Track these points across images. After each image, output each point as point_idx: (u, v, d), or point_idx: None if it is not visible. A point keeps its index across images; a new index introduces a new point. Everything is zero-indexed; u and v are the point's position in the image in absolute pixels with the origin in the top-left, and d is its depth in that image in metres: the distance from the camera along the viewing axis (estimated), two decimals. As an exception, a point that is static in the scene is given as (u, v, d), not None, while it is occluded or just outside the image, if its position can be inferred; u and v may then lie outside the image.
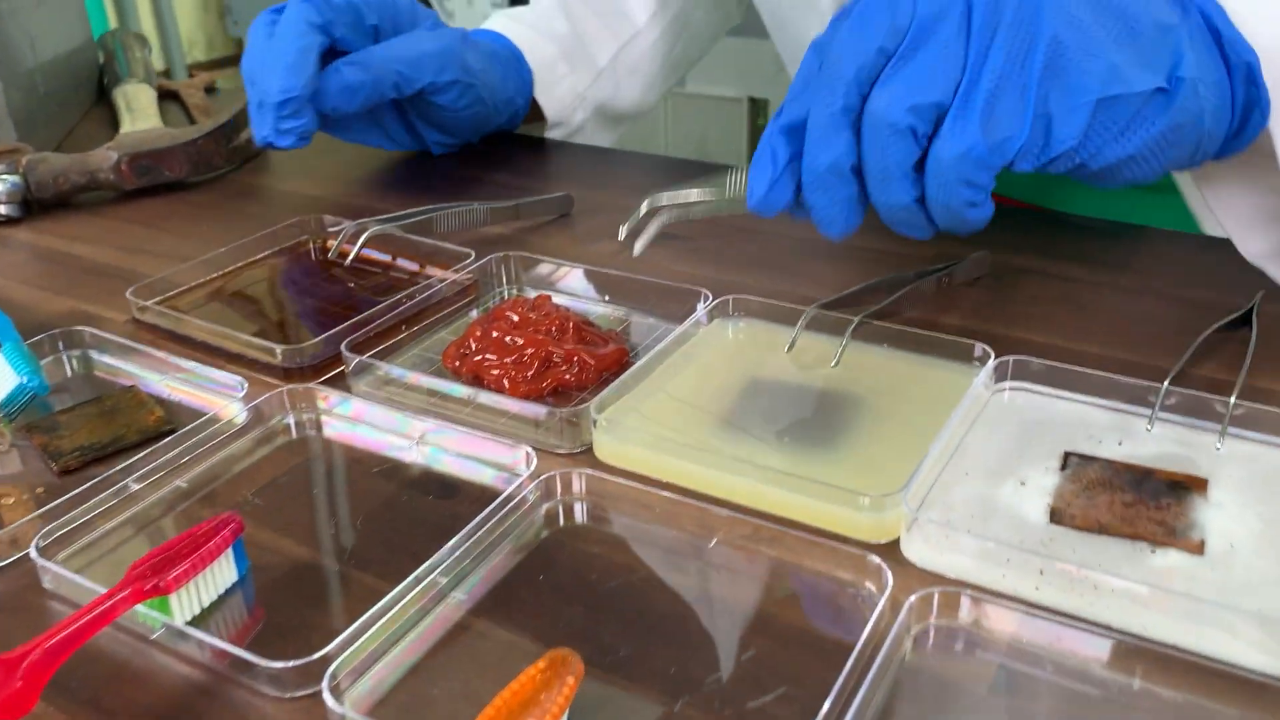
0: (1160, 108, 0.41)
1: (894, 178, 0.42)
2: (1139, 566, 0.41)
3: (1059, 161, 0.42)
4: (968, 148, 0.40)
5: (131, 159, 0.82)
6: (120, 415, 0.55)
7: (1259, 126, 0.45)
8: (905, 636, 0.40)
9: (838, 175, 0.44)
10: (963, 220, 0.43)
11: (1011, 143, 0.40)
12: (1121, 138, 0.41)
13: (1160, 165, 0.43)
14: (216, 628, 0.42)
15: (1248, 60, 0.44)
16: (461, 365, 0.56)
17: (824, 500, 0.44)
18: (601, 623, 0.41)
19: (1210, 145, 0.45)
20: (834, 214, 0.45)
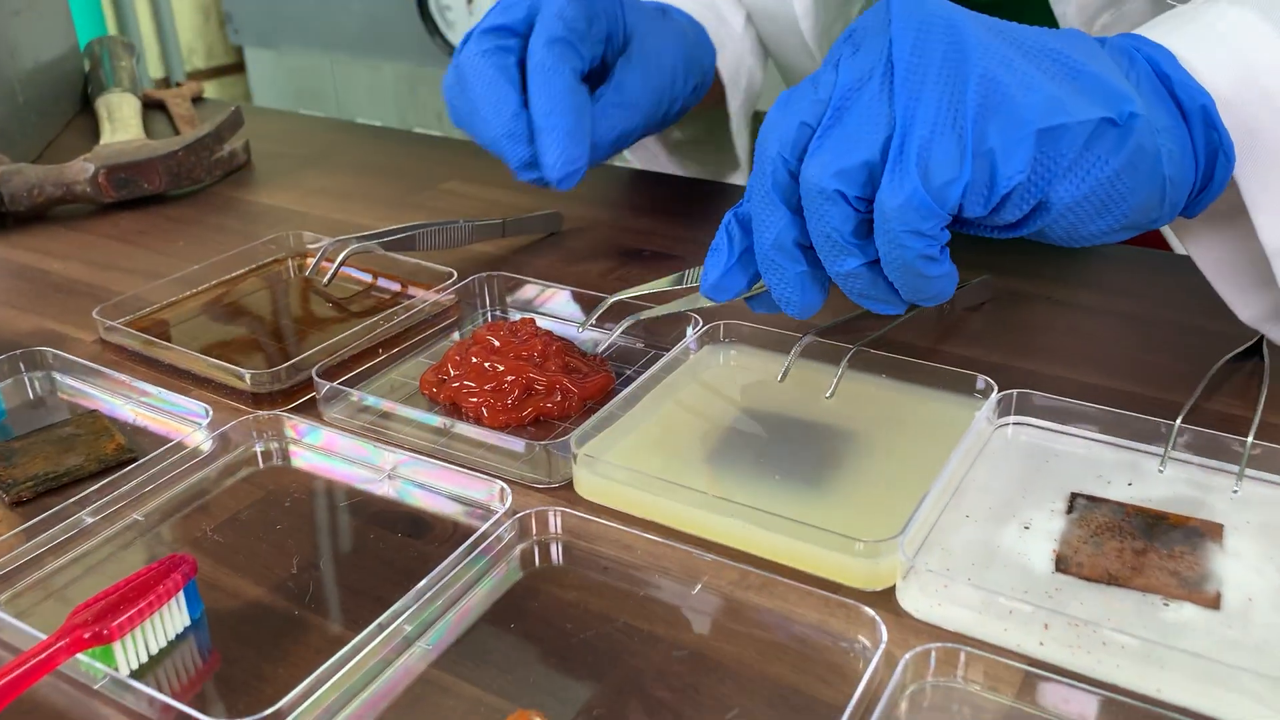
0: (1112, 143, 0.39)
1: (837, 244, 0.41)
2: (1151, 622, 0.39)
3: (1012, 203, 0.39)
4: (908, 195, 0.38)
5: (109, 171, 0.80)
6: (80, 442, 0.52)
7: (1226, 173, 0.43)
8: (900, 696, 0.37)
9: (782, 252, 0.43)
10: (921, 278, 0.41)
11: (954, 185, 0.38)
12: (1073, 173, 0.39)
13: (1126, 213, 0.40)
14: (164, 677, 0.39)
15: (1202, 103, 0.42)
16: (439, 392, 0.53)
17: (815, 544, 0.42)
18: (574, 679, 0.38)
19: (1177, 194, 0.42)
20: (788, 292, 0.44)
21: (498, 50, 0.59)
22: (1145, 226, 0.42)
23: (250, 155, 0.91)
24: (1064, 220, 0.40)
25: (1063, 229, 0.41)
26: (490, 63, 0.59)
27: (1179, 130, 0.41)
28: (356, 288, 0.66)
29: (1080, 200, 0.39)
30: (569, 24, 0.59)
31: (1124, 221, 0.41)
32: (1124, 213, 0.40)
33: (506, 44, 0.60)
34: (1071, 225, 0.41)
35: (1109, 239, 0.42)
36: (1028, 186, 0.39)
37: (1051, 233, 0.41)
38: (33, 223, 0.80)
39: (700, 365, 0.56)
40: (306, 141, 0.97)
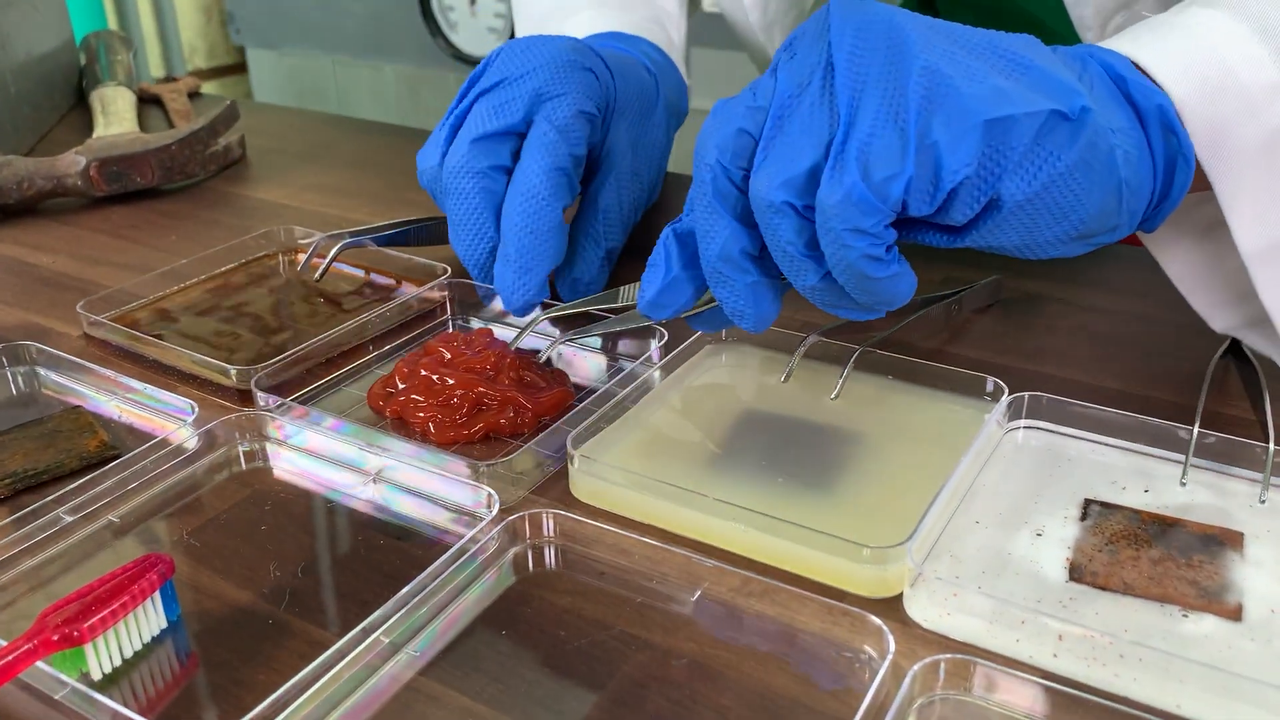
0: (1064, 138, 0.37)
1: (794, 259, 0.39)
2: (1169, 634, 0.37)
3: (960, 200, 0.37)
4: (847, 191, 0.36)
5: (101, 164, 0.79)
6: (61, 439, 0.51)
7: (1185, 179, 0.41)
8: (909, 710, 0.35)
9: (730, 263, 0.41)
10: (868, 280, 0.38)
11: (896, 180, 0.36)
12: (1024, 168, 0.37)
13: (1083, 218, 0.38)
14: (138, 682, 0.37)
15: (1158, 104, 0.40)
16: (386, 405, 0.51)
17: (820, 550, 0.40)
18: (567, 689, 0.36)
19: (1135, 200, 0.40)
20: (740, 305, 0.42)
21: (488, 173, 0.53)
22: (1104, 236, 0.40)
23: (245, 150, 0.89)
24: (1017, 223, 0.38)
25: (1016, 234, 0.39)
26: (477, 186, 0.53)
27: (1135, 132, 0.39)
28: (349, 284, 0.65)
29: (1033, 198, 0.37)
30: (572, 144, 0.53)
31: (1081, 228, 0.39)
32: (1081, 218, 0.38)
33: (499, 162, 0.53)
34: (1026, 230, 0.38)
35: (1068, 250, 0.40)
36: (976, 182, 0.37)
37: (1005, 237, 0.39)
38: (22, 216, 0.78)
39: (701, 365, 0.54)
40: (302, 137, 0.96)
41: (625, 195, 0.60)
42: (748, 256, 0.41)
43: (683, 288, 0.44)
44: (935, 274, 0.64)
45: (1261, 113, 0.41)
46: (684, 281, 0.43)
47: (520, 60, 0.55)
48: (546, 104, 0.53)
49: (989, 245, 0.40)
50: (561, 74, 0.54)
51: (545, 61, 0.54)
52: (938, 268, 0.65)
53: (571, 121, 0.53)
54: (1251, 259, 0.43)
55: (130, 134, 0.86)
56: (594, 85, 0.55)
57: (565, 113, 0.51)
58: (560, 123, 0.53)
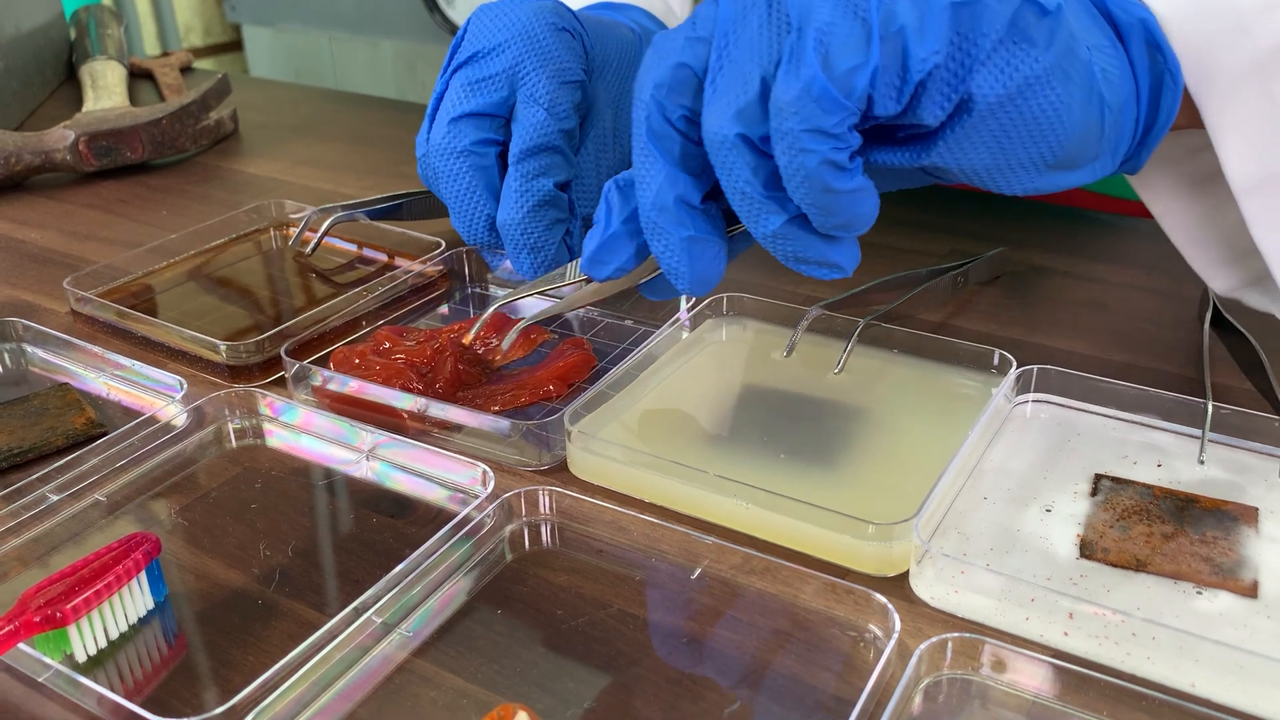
0: (1041, 35, 0.34)
1: (753, 201, 0.36)
2: (1183, 611, 0.36)
3: (930, 96, 0.33)
4: (805, 83, 0.33)
5: (90, 139, 0.77)
6: (48, 416, 0.50)
7: (1174, 101, 0.38)
8: (915, 690, 0.34)
9: (664, 213, 0.38)
10: (830, 194, 0.34)
11: (861, 71, 0.33)
12: (996, 63, 0.33)
13: (1062, 140, 0.35)
14: (124, 665, 0.36)
15: (1140, 17, 0.37)
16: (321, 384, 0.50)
17: (824, 527, 0.39)
18: (564, 669, 0.35)
19: (1118, 127, 0.37)
20: (673, 261, 0.38)
21: (474, 149, 0.50)
22: (1084, 170, 0.37)
23: (238, 124, 0.88)
24: (990, 132, 0.34)
25: (988, 149, 0.35)
26: (466, 165, 0.50)
27: (1115, 50, 0.37)
28: (341, 258, 0.64)
29: (1007, 101, 0.34)
30: (560, 121, 0.50)
31: (1059, 151, 0.35)
32: (1059, 138, 0.35)
33: (482, 136, 0.50)
34: (999, 145, 0.35)
35: (1043, 182, 0.36)
36: (946, 76, 0.33)
37: (976, 153, 0.35)
38: (10, 192, 0.77)
39: (702, 340, 0.53)
40: (295, 111, 0.94)
41: (605, 158, 0.57)
42: (685, 206, 0.38)
43: (623, 244, 0.40)
44: (940, 247, 0.63)
45: (1253, 30, 0.38)
46: (623, 237, 0.40)
47: (494, 29, 0.52)
48: (527, 78, 0.51)
49: (959, 164, 0.36)
50: (539, 41, 0.51)
51: (520, 29, 0.51)
52: (942, 240, 0.64)
53: (556, 95, 0.51)
54: (1243, 193, 0.40)
55: (120, 108, 0.84)
56: (574, 46, 0.53)
57: (548, 86, 0.49)
58: (545, 100, 0.50)
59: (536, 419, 0.45)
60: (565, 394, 0.49)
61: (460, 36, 0.53)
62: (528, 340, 0.53)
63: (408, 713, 0.34)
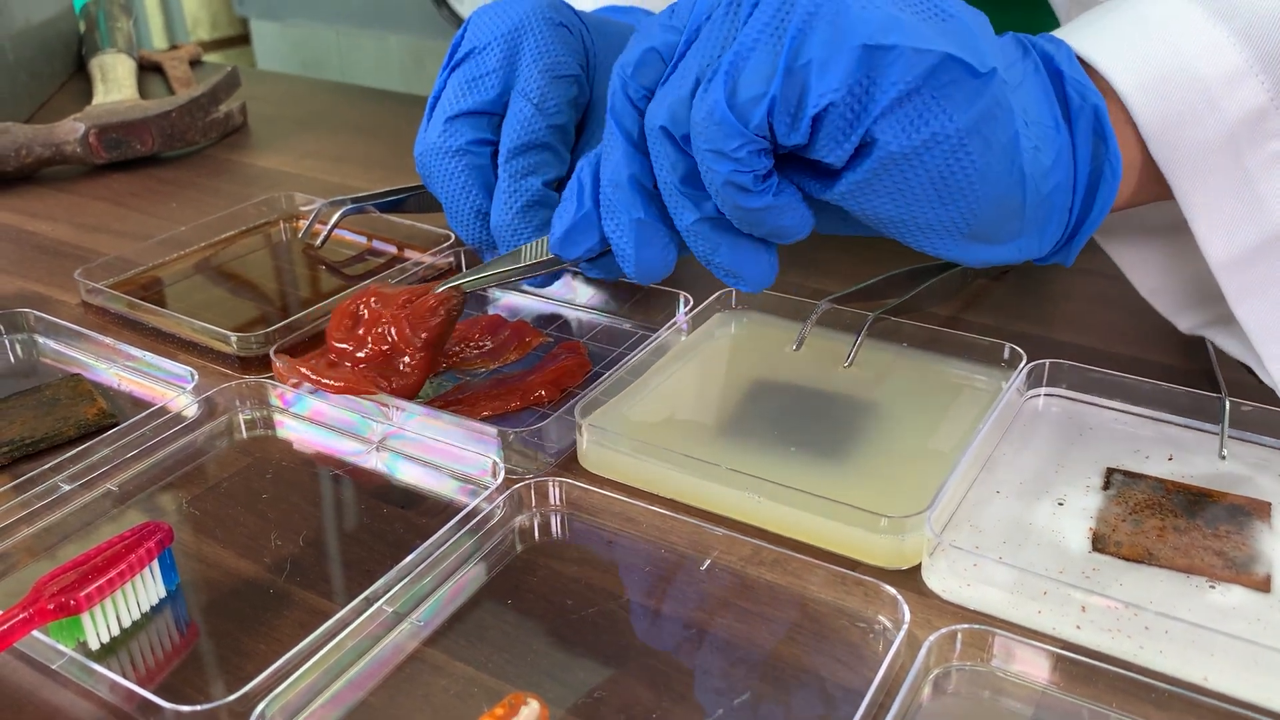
0: (962, 95, 0.33)
1: (671, 191, 0.37)
2: (1196, 605, 0.36)
3: (827, 131, 0.33)
4: (709, 109, 0.34)
5: (100, 131, 0.77)
6: (60, 407, 0.50)
7: (1110, 191, 0.37)
8: (924, 681, 0.34)
9: (618, 190, 0.38)
10: (741, 210, 0.35)
11: (759, 102, 0.33)
12: (905, 112, 0.33)
13: (973, 207, 0.34)
14: (136, 652, 0.36)
15: (1094, 104, 0.36)
16: None
17: (835, 520, 0.39)
18: (574, 659, 0.35)
19: (1048, 206, 0.36)
20: (620, 242, 0.39)
21: (469, 149, 0.50)
22: (1006, 247, 0.36)
23: (246, 117, 0.88)
24: (893, 184, 0.34)
25: (893, 200, 0.34)
26: (461, 164, 0.50)
27: (1057, 133, 0.36)
28: (350, 251, 0.64)
29: (912, 155, 0.33)
30: (549, 117, 0.49)
31: (972, 220, 0.35)
32: (970, 208, 0.34)
33: (478, 136, 0.50)
34: (905, 199, 0.34)
35: (961, 250, 0.36)
36: (845, 112, 0.33)
37: (881, 202, 0.35)
38: (21, 184, 0.77)
39: (711, 334, 0.53)
40: (304, 104, 0.94)
41: None
42: (639, 187, 0.38)
43: (594, 225, 0.40)
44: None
45: (1221, 105, 0.37)
46: (595, 218, 0.40)
47: (490, 26, 0.51)
48: (519, 74, 0.51)
49: (864, 210, 0.35)
50: (533, 35, 0.51)
51: (514, 25, 0.51)
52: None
53: (547, 90, 0.50)
54: (1221, 269, 0.40)
55: (130, 101, 0.84)
56: (571, 41, 0.52)
57: (539, 82, 0.48)
58: (535, 96, 0.50)
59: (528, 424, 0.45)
60: (557, 399, 0.48)
61: (460, 35, 0.53)
62: (522, 343, 0.52)
63: (419, 701, 0.34)
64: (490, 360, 0.51)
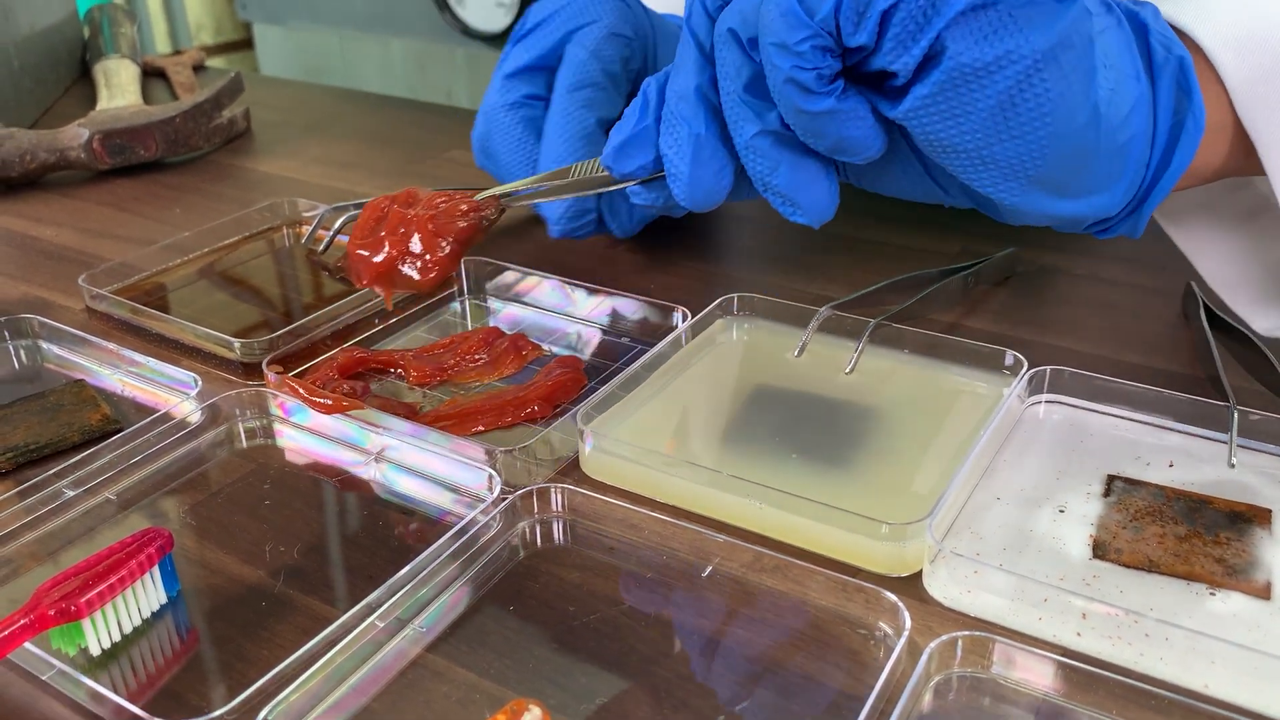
0: (1039, 13, 0.31)
1: (734, 101, 0.35)
2: (1196, 611, 0.36)
3: (894, 32, 0.32)
4: (777, 1, 0.33)
5: (104, 137, 0.78)
6: (63, 413, 0.50)
7: (1190, 147, 0.35)
8: (925, 688, 0.34)
9: (683, 101, 0.37)
10: (802, 115, 0.34)
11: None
12: (978, 21, 0.31)
13: (1044, 139, 0.33)
14: (137, 659, 0.37)
15: (1179, 55, 0.35)
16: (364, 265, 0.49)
17: (836, 526, 0.39)
18: (576, 665, 0.36)
19: (1123, 155, 0.34)
20: (675, 157, 0.37)
21: (524, 102, 0.51)
22: (1084, 201, 0.35)
23: (250, 123, 0.88)
24: (963, 104, 0.32)
25: (961, 125, 0.33)
26: (517, 117, 0.51)
27: (1138, 82, 0.34)
28: (355, 256, 0.64)
29: (983, 72, 0.32)
30: (604, 62, 0.50)
31: (1039, 160, 0.33)
32: (1040, 141, 0.33)
33: (535, 90, 0.51)
34: (974, 126, 0.33)
35: (1024, 197, 0.34)
36: (914, 12, 0.32)
37: (948, 124, 0.33)
38: (25, 189, 0.78)
39: (713, 340, 0.53)
40: (308, 110, 0.95)
41: None
42: (704, 101, 0.37)
43: (652, 140, 0.39)
44: (951, 246, 0.63)
45: None
46: (655, 133, 0.39)
47: (553, 3, 0.53)
48: (577, 32, 0.51)
49: (931, 133, 0.34)
50: (593, 6, 0.51)
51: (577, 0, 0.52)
52: (954, 240, 0.64)
53: (602, 43, 0.50)
54: None
55: (133, 107, 0.85)
56: (627, 13, 0.52)
57: (595, 35, 0.48)
58: (591, 45, 0.50)
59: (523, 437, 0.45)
60: (550, 415, 0.48)
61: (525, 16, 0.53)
62: (519, 356, 0.52)
63: (421, 707, 0.34)
64: (486, 374, 0.51)
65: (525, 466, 0.44)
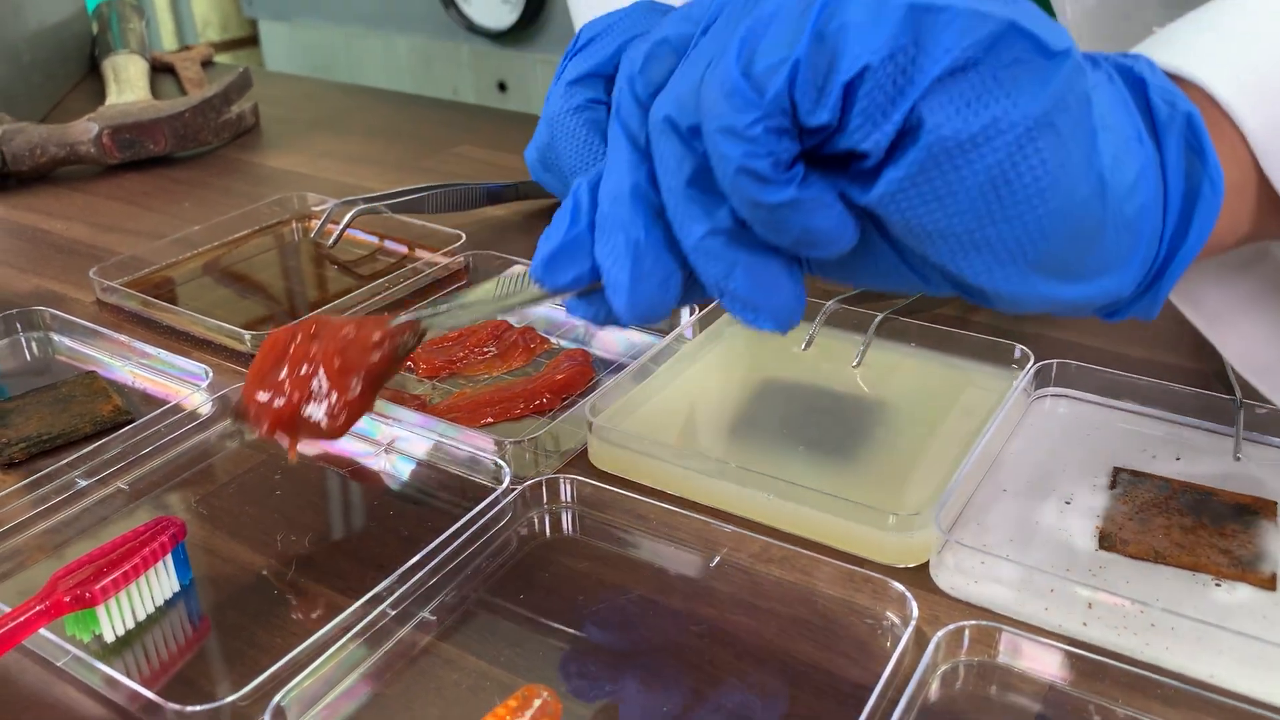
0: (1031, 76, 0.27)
1: (677, 198, 0.30)
2: (1202, 602, 0.36)
3: (862, 106, 0.27)
4: (719, 80, 0.28)
5: (113, 131, 0.78)
6: (75, 404, 0.50)
7: (1209, 216, 0.30)
8: (932, 676, 0.34)
9: (617, 204, 0.32)
10: (760, 208, 0.29)
11: (779, 68, 0.27)
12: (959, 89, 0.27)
13: (1045, 221, 0.28)
14: (150, 646, 0.37)
15: (1186, 111, 0.30)
16: None
17: (844, 517, 0.39)
18: (585, 653, 0.36)
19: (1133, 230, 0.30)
20: (615, 269, 0.32)
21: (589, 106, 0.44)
22: (1092, 284, 0.30)
23: (259, 118, 0.89)
24: (947, 184, 0.28)
25: (947, 212, 0.28)
26: (582, 120, 0.44)
27: (1140, 146, 0.30)
28: (362, 250, 0.64)
29: (969, 142, 0.27)
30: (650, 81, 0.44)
31: (1039, 242, 0.28)
32: (1038, 219, 0.28)
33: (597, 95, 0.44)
34: (959, 209, 0.28)
35: (1024, 284, 0.29)
36: (884, 81, 0.27)
37: (929, 209, 0.28)
38: (35, 183, 0.78)
39: (720, 333, 0.53)
40: (316, 105, 0.95)
41: None
42: (643, 202, 0.32)
43: (586, 249, 0.33)
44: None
45: None
46: (589, 241, 0.33)
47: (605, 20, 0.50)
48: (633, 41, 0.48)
49: (911, 219, 0.29)
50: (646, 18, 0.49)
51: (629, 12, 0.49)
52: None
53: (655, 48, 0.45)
54: None
55: (143, 102, 0.85)
56: None
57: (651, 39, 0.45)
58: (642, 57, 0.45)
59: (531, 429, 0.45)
60: (558, 407, 0.48)
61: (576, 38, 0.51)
62: (527, 349, 0.52)
63: (432, 694, 0.34)
64: (495, 366, 0.52)
65: (534, 458, 0.44)
